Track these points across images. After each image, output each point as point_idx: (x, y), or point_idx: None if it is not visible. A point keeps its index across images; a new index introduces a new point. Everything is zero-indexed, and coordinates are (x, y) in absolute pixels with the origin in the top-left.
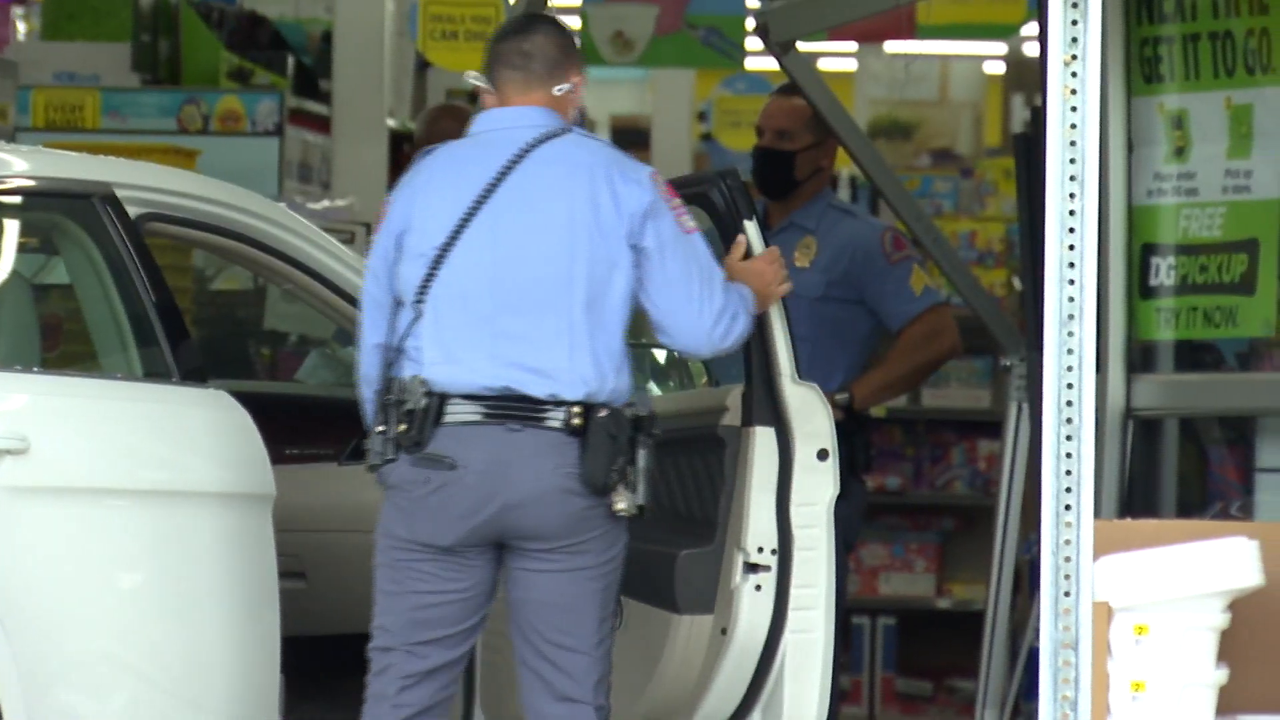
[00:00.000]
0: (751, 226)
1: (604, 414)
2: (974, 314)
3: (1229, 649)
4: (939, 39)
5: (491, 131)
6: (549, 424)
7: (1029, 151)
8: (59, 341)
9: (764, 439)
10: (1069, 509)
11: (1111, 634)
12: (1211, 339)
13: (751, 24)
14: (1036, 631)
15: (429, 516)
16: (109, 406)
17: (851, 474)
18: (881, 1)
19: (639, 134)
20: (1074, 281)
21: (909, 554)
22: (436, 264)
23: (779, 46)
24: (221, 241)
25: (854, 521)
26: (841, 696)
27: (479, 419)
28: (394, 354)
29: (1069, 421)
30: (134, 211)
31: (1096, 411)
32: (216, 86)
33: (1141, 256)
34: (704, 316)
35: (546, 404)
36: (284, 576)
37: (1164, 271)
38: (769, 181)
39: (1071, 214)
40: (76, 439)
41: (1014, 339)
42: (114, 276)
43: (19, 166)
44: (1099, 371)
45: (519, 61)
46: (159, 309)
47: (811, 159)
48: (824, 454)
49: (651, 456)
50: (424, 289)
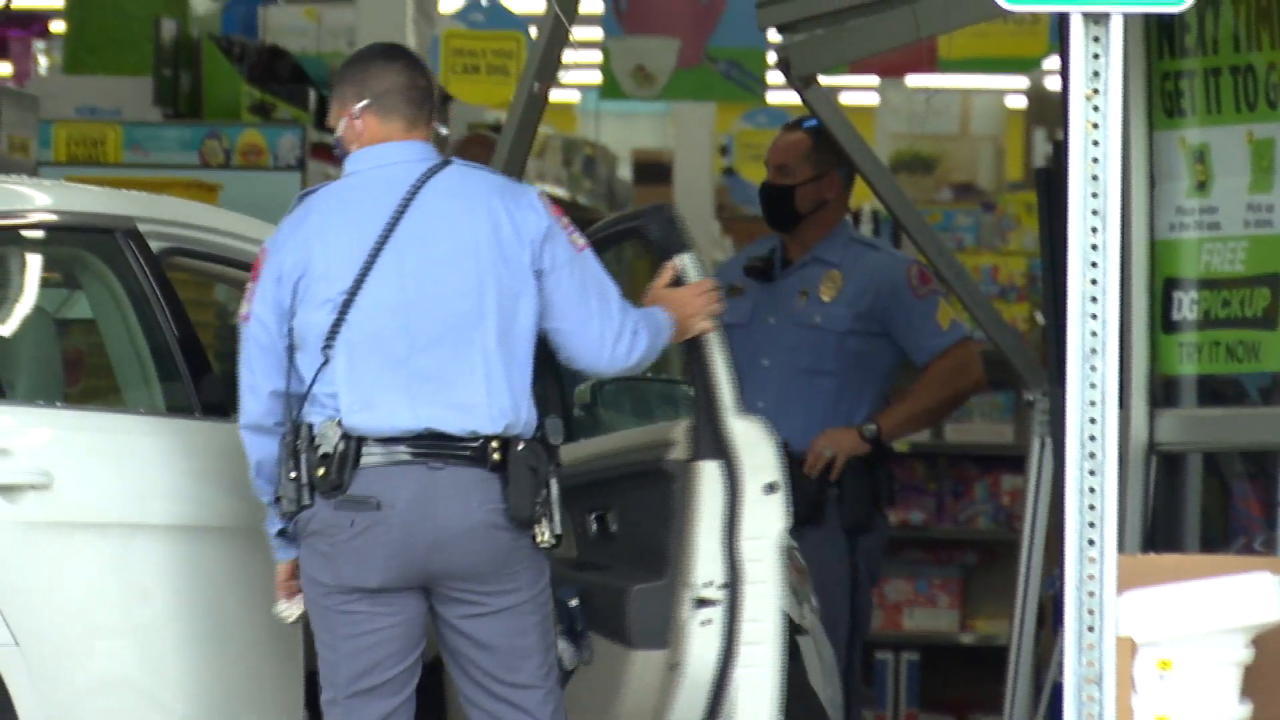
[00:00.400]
0: (689, 258)
1: (521, 447)
2: (996, 348)
3: (1252, 684)
4: (960, 73)
5: (375, 170)
6: (469, 461)
7: (1051, 185)
8: (81, 376)
9: (710, 473)
10: (1092, 544)
11: (1135, 669)
12: (1234, 373)
13: (773, 58)
14: (1060, 667)
15: (353, 559)
16: (131, 441)
17: (875, 508)
18: (903, 35)
19: (660, 167)
20: (1096, 316)
21: (932, 589)
22: (345, 309)
23: (800, 80)
24: (244, 276)
25: (877, 556)
26: None
27: (399, 460)
28: (298, 400)
29: (1092, 456)
30: (156, 246)
31: (1119, 446)
32: (238, 120)
33: (1164, 291)
34: (605, 335)
35: (466, 440)
36: None
37: (1186, 306)
38: (773, 215)
39: (1094, 248)
40: (99, 474)
41: (1036, 374)
42: (136, 311)
43: (42, 201)
44: (1121, 406)
45: (417, 97)
46: (181, 343)
47: (812, 192)
48: (772, 487)
49: (560, 486)
50: (333, 334)
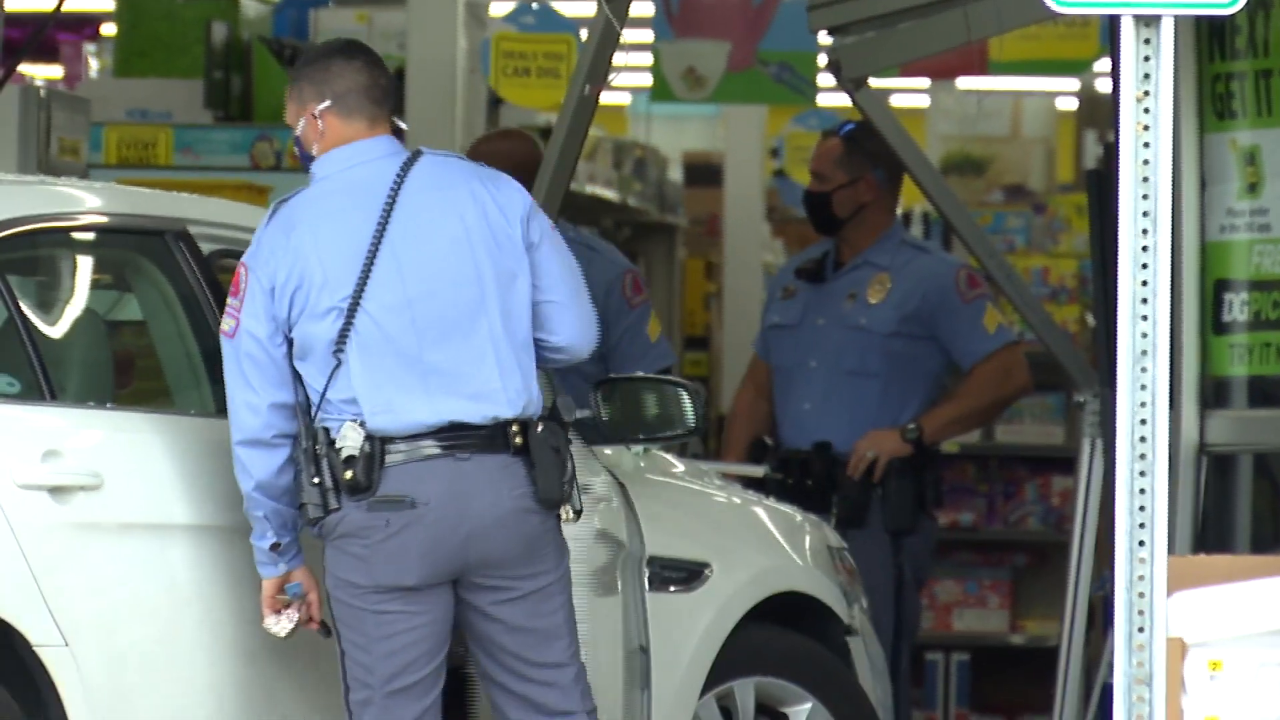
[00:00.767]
0: None
1: (541, 429)
2: (1047, 350)
3: None
4: (1011, 75)
5: (349, 171)
6: (494, 448)
7: (1101, 187)
8: (132, 378)
9: None
10: (1142, 545)
11: (1185, 670)
12: None
13: (824, 60)
14: (1110, 668)
15: (390, 558)
16: (181, 442)
17: (922, 510)
18: (953, 37)
19: (711, 170)
20: (1147, 318)
21: (982, 590)
22: (351, 314)
23: (851, 83)
24: None
25: (924, 558)
26: None
27: (426, 455)
28: (303, 408)
29: (1142, 458)
30: (206, 248)
31: (1170, 447)
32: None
33: (1214, 292)
34: (587, 311)
35: (486, 428)
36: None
37: (1237, 307)
38: (815, 221)
39: (1144, 250)
40: (149, 475)
41: (1087, 375)
42: (187, 312)
43: (92, 203)
44: (1172, 407)
45: (379, 96)
46: None
47: (849, 197)
48: None
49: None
50: (342, 340)
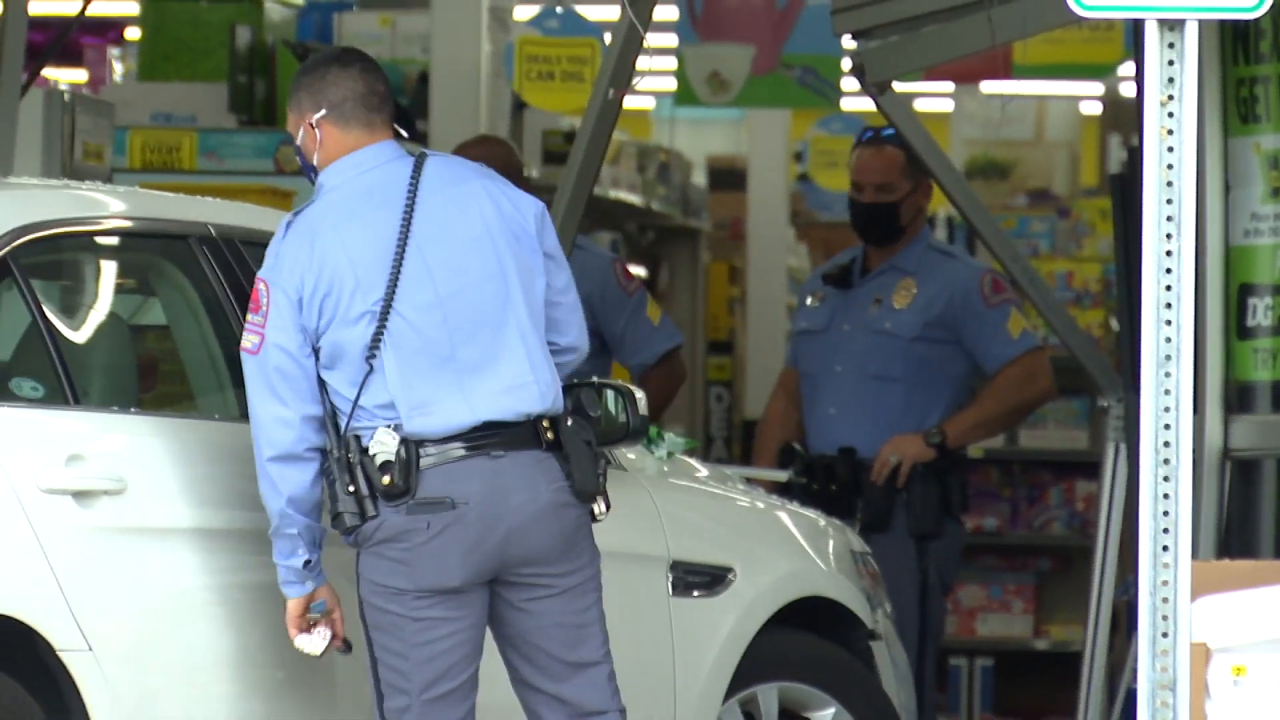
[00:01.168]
0: None
1: (570, 423)
2: (1071, 355)
3: None
4: (1035, 79)
5: (361, 176)
6: (526, 443)
7: (1125, 192)
8: (156, 382)
9: None
10: (1166, 550)
11: (1209, 675)
12: None
13: (848, 64)
14: (1134, 672)
15: (432, 561)
16: (205, 447)
17: (948, 514)
18: (978, 41)
19: (735, 174)
20: (1171, 322)
21: (1006, 595)
22: (384, 317)
23: (875, 87)
24: None
25: (949, 562)
26: None
27: (461, 455)
28: (330, 417)
29: (1166, 462)
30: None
31: (1194, 452)
32: None
33: (1239, 297)
34: (580, 327)
35: (518, 425)
36: None
37: (1261, 312)
38: (876, 234)
39: (1168, 254)
40: (172, 479)
41: (1111, 379)
42: (210, 317)
43: (116, 207)
44: (1196, 412)
45: (376, 103)
46: None
47: (913, 204)
48: None
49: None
50: (375, 344)
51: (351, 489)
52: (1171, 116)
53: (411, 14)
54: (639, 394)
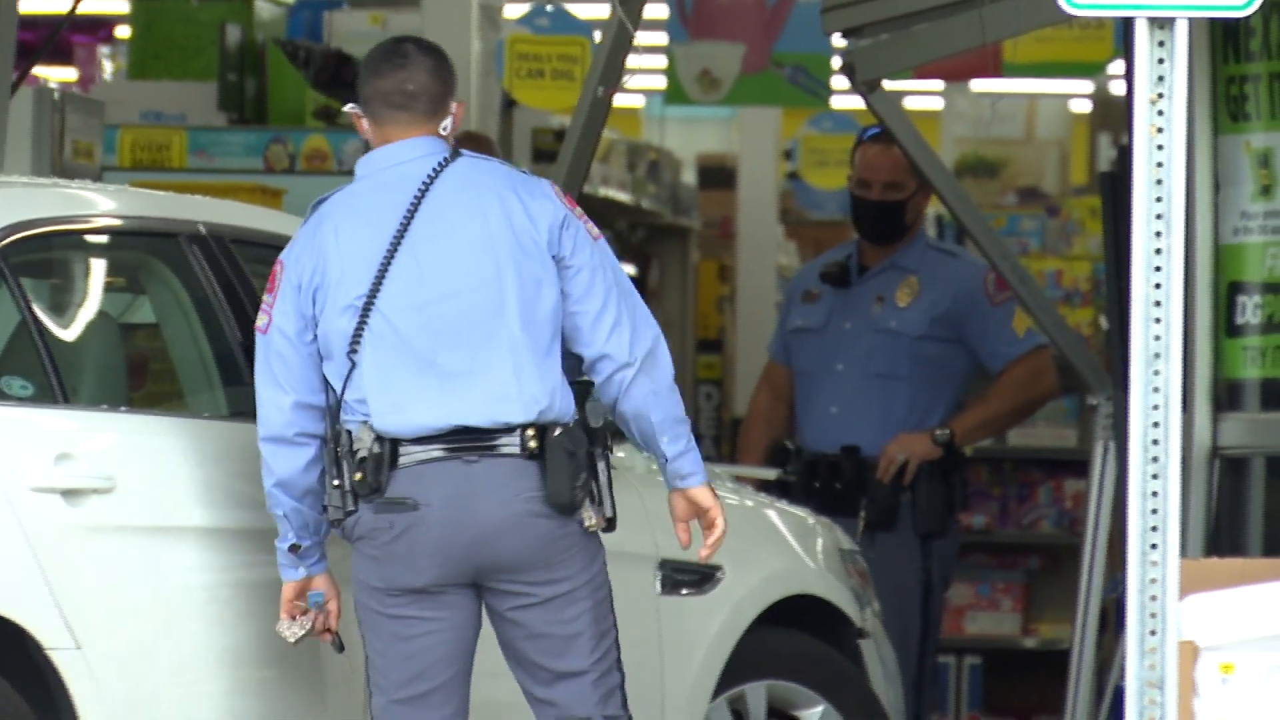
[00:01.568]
0: None
1: (559, 432)
2: (1060, 353)
3: None
4: (1025, 77)
5: (385, 170)
6: (505, 451)
7: (1115, 190)
8: (145, 380)
9: None
10: (1155, 548)
11: (1197, 673)
12: None
13: (838, 63)
14: (1122, 670)
15: (399, 560)
16: (194, 445)
17: (949, 512)
18: (968, 40)
19: (725, 172)
20: (1160, 320)
21: (995, 593)
22: (365, 312)
23: (865, 85)
24: None
25: (950, 560)
26: None
27: (434, 456)
28: (332, 408)
29: (1155, 460)
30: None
31: (1183, 450)
32: (302, 125)
33: (1228, 295)
34: (627, 321)
35: (499, 432)
36: None
37: (1250, 310)
38: (882, 232)
39: (1158, 252)
40: (162, 478)
41: (1100, 378)
42: (200, 315)
43: (106, 205)
44: (1185, 410)
45: (401, 101)
46: (245, 348)
47: (918, 203)
48: None
49: (609, 468)
50: (356, 339)
51: (337, 483)
52: (1161, 115)
53: (402, 12)
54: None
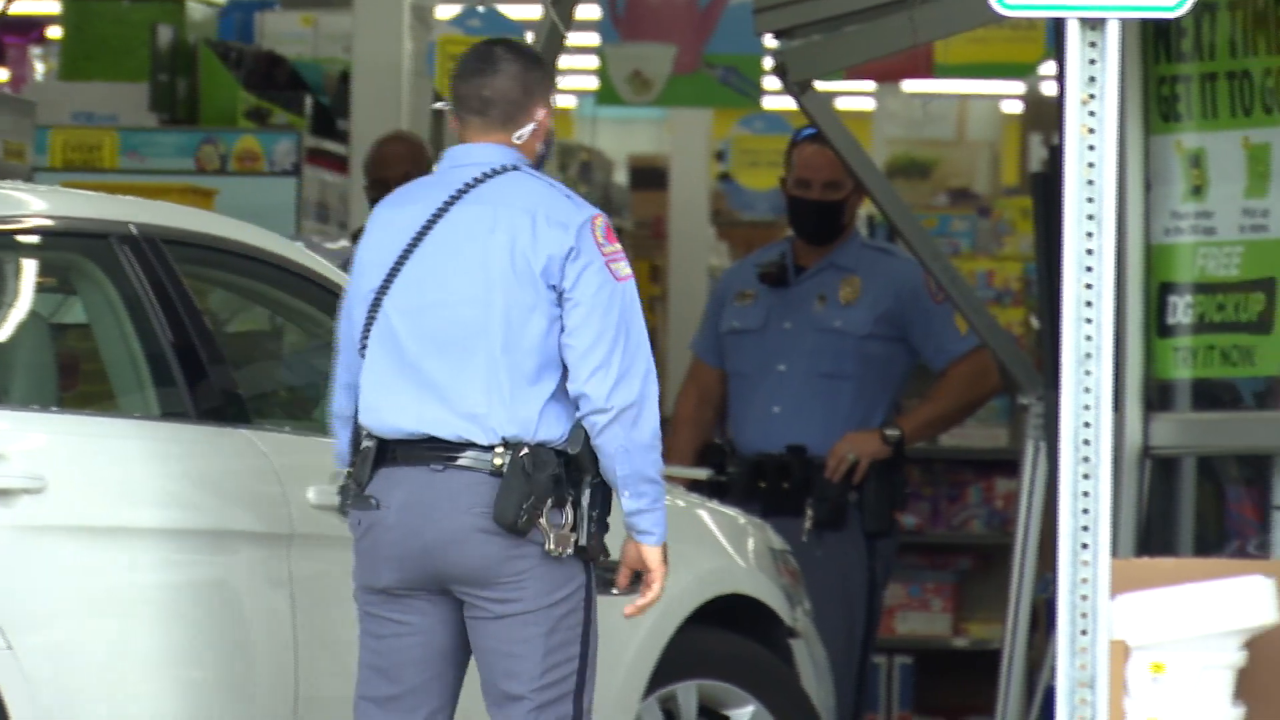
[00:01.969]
0: None
1: (524, 453)
2: (992, 353)
3: (1246, 687)
4: (956, 78)
5: (448, 170)
6: (470, 465)
7: (1046, 190)
8: (77, 381)
9: None
10: (1086, 547)
11: (1128, 672)
12: (1229, 378)
13: (769, 63)
14: (1053, 670)
15: (364, 558)
16: (125, 445)
17: (892, 511)
18: (900, 41)
19: (656, 173)
20: (1091, 320)
21: (926, 593)
22: (375, 306)
23: (797, 86)
24: (239, 281)
25: (892, 559)
26: None
27: (403, 461)
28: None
29: (1086, 460)
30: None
31: (1114, 450)
32: (234, 126)
33: (1159, 295)
34: (602, 372)
35: (468, 446)
36: None
37: (1181, 310)
38: (821, 232)
39: (1089, 253)
40: (93, 478)
41: (1032, 378)
42: (132, 316)
43: (37, 206)
44: (1116, 410)
45: (478, 106)
46: (177, 348)
47: (854, 203)
48: None
49: (599, 496)
50: (366, 332)
51: (350, 473)
52: (1093, 115)
53: (333, 13)
54: None
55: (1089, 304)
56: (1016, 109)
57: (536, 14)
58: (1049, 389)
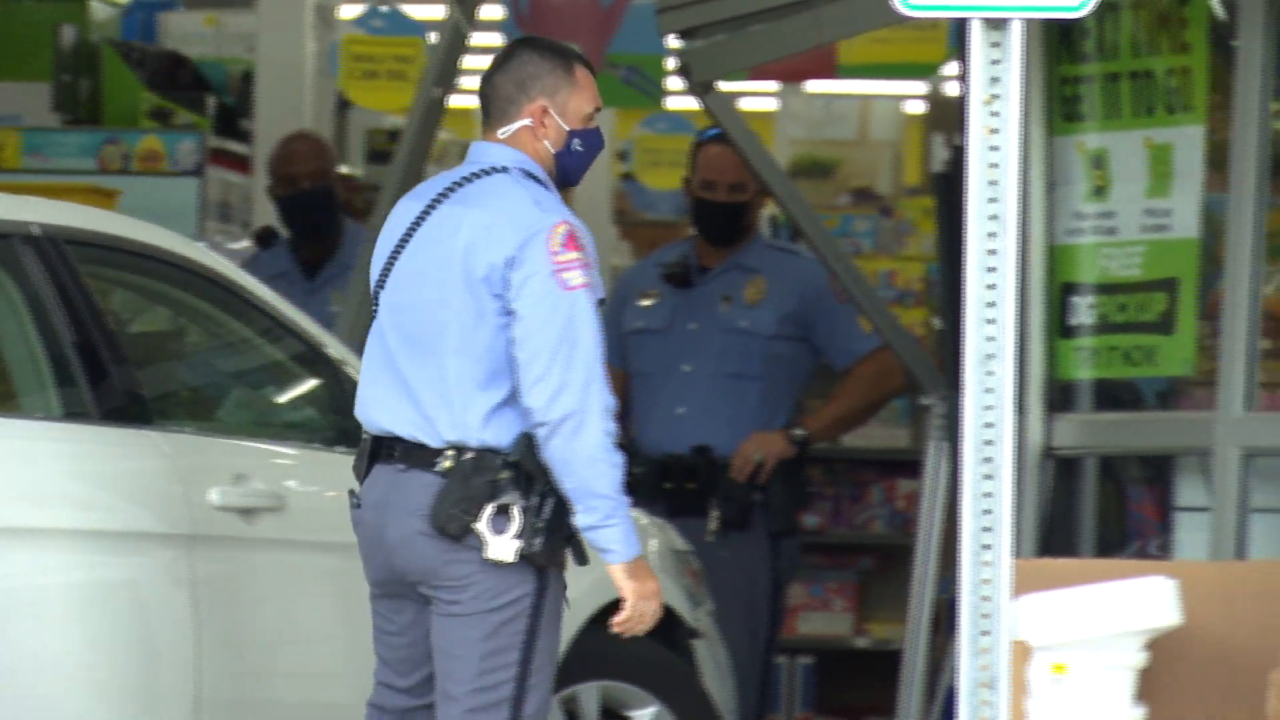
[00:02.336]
0: None
1: (469, 457)
2: (895, 353)
3: (1147, 688)
4: (859, 78)
5: (460, 167)
6: (422, 467)
7: (949, 190)
8: None
9: None
10: (988, 548)
11: (1030, 673)
12: (1130, 378)
13: (672, 63)
14: (955, 670)
15: (360, 554)
16: (27, 446)
17: (796, 511)
18: (802, 41)
19: None
20: (994, 321)
21: (827, 593)
22: (375, 300)
23: (700, 86)
24: (142, 281)
25: (796, 559)
26: None
27: (384, 459)
28: None
29: (988, 460)
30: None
31: (1016, 450)
32: (137, 126)
33: (1061, 296)
34: (542, 383)
35: (426, 448)
36: None
37: (1083, 311)
38: (725, 233)
39: (991, 253)
40: None
41: (933, 378)
42: (34, 316)
43: None
44: (1018, 411)
45: (481, 103)
46: (80, 348)
47: (758, 204)
48: None
49: (554, 504)
50: (368, 325)
51: None
52: (996, 115)
53: (237, 13)
54: None
55: (991, 304)
56: (919, 109)
57: (440, 14)
58: (951, 389)
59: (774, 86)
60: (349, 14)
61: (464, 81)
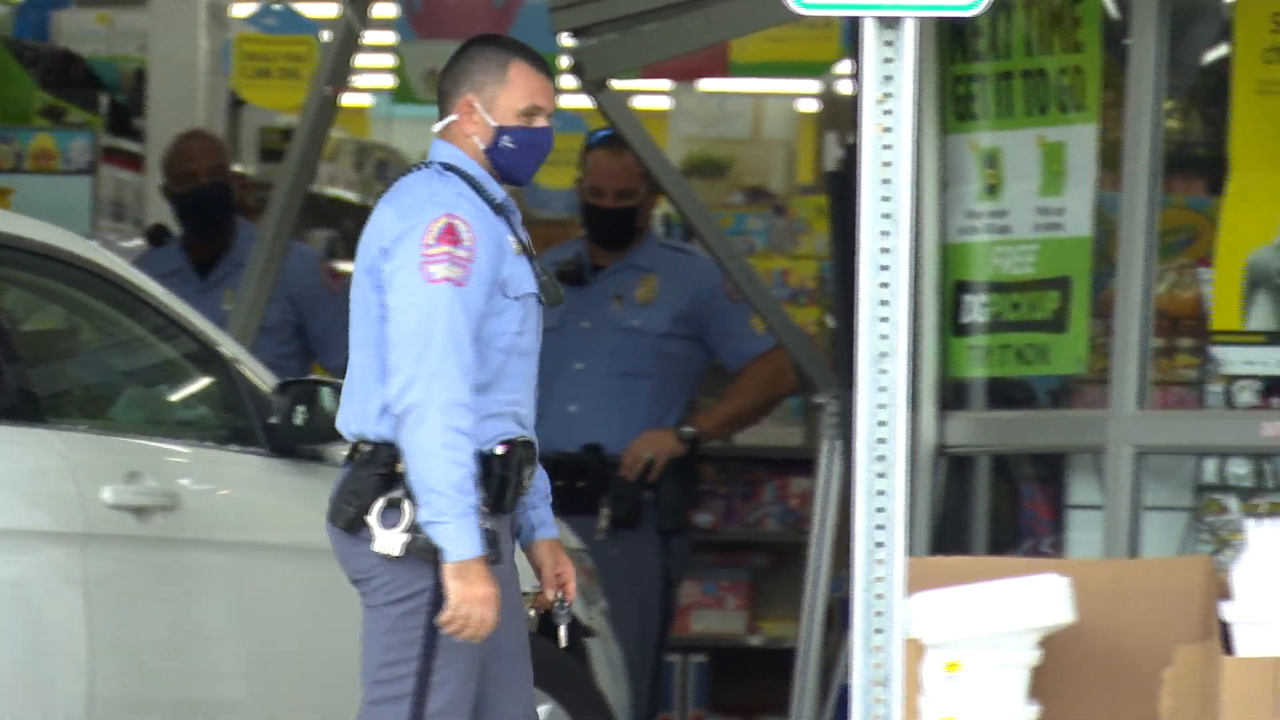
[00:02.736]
0: None
1: (366, 449)
2: (788, 352)
3: (1040, 686)
4: (753, 77)
5: None
6: (346, 460)
7: (842, 189)
8: None
9: None
10: (881, 546)
11: (923, 671)
12: (1023, 376)
13: (565, 62)
14: (848, 668)
15: None
16: None
17: (686, 509)
18: (696, 39)
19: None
20: (887, 319)
21: (720, 591)
22: None
23: (593, 84)
24: (35, 279)
25: (687, 558)
26: None
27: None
28: None
29: (881, 459)
30: None
31: (909, 449)
32: (29, 125)
33: (954, 294)
34: (394, 375)
35: (347, 441)
36: None
37: (976, 309)
38: (614, 238)
39: (884, 251)
40: None
41: (826, 376)
42: None
43: None
44: (911, 409)
45: (438, 93)
46: None
47: (648, 207)
48: None
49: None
50: None
51: None
52: (889, 114)
53: (129, 11)
54: None
55: (884, 303)
56: (813, 108)
57: (333, 12)
58: (844, 388)
59: (667, 85)
60: (242, 12)
61: (356, 80)
